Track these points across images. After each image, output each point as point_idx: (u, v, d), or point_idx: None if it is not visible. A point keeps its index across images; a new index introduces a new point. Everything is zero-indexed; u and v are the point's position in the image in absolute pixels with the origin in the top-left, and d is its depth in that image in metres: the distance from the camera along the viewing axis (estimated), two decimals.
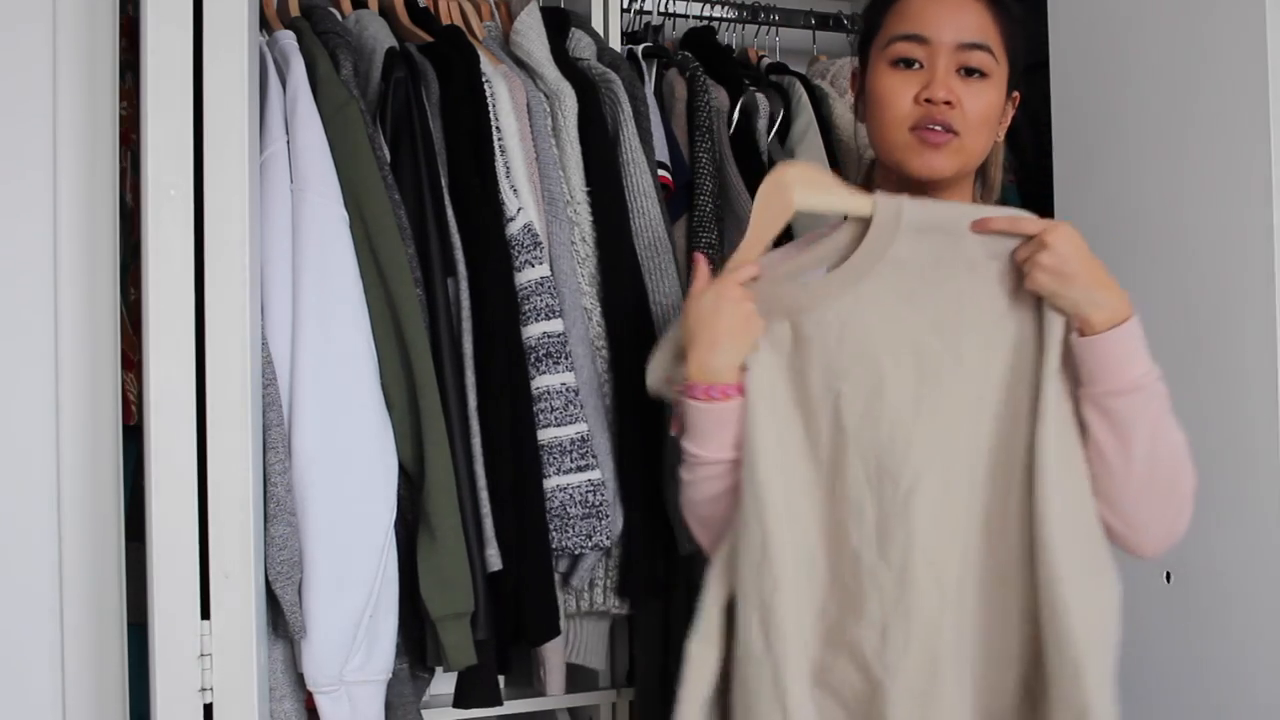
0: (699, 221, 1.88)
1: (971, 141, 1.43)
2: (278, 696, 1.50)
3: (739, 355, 1.39)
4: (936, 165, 1.42)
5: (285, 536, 1.44)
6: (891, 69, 1.43)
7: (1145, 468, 1.34)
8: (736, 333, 1.38)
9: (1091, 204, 1.87)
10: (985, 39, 1.41)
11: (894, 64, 1.43)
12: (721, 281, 1.39)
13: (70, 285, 1.37)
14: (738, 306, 1.38)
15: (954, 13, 1.41)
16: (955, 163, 1.43)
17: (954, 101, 1.40)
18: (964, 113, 1.41)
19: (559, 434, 1.63)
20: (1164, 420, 1.34)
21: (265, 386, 1.46)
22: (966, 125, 1.41)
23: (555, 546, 1.63)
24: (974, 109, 1.41)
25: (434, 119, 1.69)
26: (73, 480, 1.37)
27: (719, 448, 1.40)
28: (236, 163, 1.35)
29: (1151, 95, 1.76)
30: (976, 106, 1.41)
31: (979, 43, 1.41)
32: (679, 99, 1.98)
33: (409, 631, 1.57)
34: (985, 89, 1.42)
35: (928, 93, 1.40)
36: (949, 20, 1.41)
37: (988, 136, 1.45)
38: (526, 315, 1.65)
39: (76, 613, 1.37)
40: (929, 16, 1.42)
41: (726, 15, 2.28)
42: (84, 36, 1.38)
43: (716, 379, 1.39)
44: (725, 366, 1.38)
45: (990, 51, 1.41)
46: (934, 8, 1.42)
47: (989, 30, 1.42)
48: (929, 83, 1.40)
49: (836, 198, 1.40)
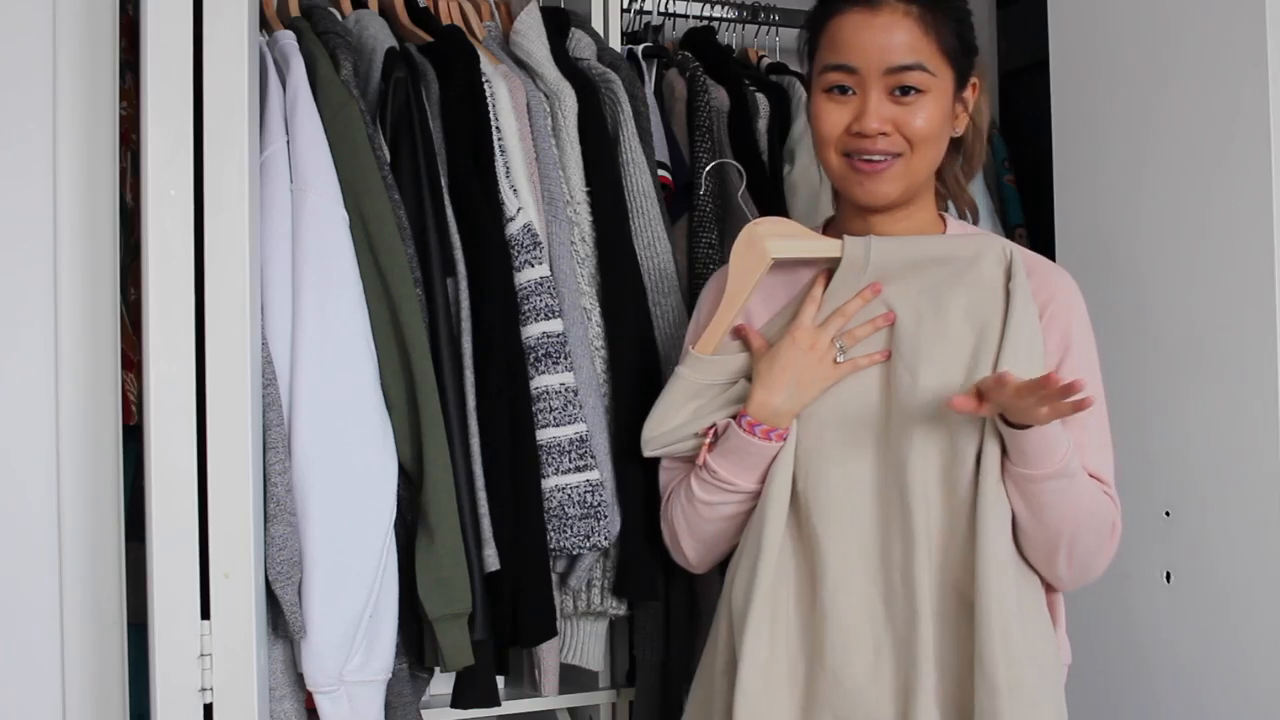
0: (699, 221, 1.88)
1: (918, 160, 1.43)
2: (278, 696, 1.50)
3: (800, 405, 1.45)
4: (880, 191, 1.43)
5: (285, 536, 1.44)
6: (826, 96, 1.44)
7: (1057, 542, 1.39)
8: (804, 384, 1.44)
9: (1091, 204, 1.87)
10: (917, 57, 1.39)
11: (828, 91, 1.43)
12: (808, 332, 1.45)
13: (70, 285, 1.37)
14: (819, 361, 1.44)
15: (881, 34, 1.39)
16: (900, 185, 1.43)
17: (888, 130, 1.40)
18: (904, 134, 1.41)
19: (558, 434, 1.63)
20: (1079, 502, 1.37)
21: (265, 386, 1.46)
22: (908, 145, 1.41)
23: (553, 547, 1.63)
24: (914, 129, 1.41)
25: (434, 119, 1.69)
26: (73, 480, 1.37)
27: (752, 479, 1.46)
28: (236, 163, 1.35)
29: (1151, 94, 1.76)
30: (916, 125, 1.40)
31: (910, 64, 1.39)
32: (679, 99, 1.98)
33: (407, 631, 1.56)
34: (924, 104, 1.41)
35: (858, 125, 1.41)
36: (876, 45, 1.39)
37: (935, 148, 1.45)
38: (526, 315, 1.65)
39: (76, 613, 1.37)
40: (856, 44, 1.40)
41: (726, 15, 2.28)
42: (84, 36, 1.37)
43: (776, 423, 1.44)
44: (786, 413, 1.45)
45: (924, 68, 1.40)
46: (862, 34, 1.40)
47: (920, 45, 1.40)
48: (861, 113, 1.40)
49: (807, 244, 1.47)
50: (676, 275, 1.80)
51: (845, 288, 1.45)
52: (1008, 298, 1.41)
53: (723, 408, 1.50)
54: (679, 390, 1.51)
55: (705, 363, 1.50)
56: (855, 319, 1.45)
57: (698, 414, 1.51)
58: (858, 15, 1.40)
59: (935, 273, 1.44)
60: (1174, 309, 1.72)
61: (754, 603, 1.40)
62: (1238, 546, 1.63)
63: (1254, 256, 1.59)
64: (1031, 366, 1.38)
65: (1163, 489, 1.73)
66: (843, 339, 1.45)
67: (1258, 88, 1.58)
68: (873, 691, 1.37)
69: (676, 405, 1.51)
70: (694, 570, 1.61)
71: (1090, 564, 1.42)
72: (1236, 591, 1.63)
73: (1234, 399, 1.63)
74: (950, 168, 1.53)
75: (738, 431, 1.45)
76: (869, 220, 1.48)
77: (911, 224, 1.49)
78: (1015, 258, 1.43)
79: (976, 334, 1.40)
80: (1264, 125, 1.57)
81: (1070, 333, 1.43)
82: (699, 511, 1.51)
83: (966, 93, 1.47)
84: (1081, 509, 1.37)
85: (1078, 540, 1.38)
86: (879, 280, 1.45)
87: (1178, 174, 1.71)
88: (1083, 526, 1.38)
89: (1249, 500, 1.61)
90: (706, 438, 1.49)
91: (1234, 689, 1.64)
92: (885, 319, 1.45)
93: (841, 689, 1.38)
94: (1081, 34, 1.89)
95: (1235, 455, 1.63)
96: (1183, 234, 1.71)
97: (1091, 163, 1.87)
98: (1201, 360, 1.68)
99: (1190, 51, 1.69)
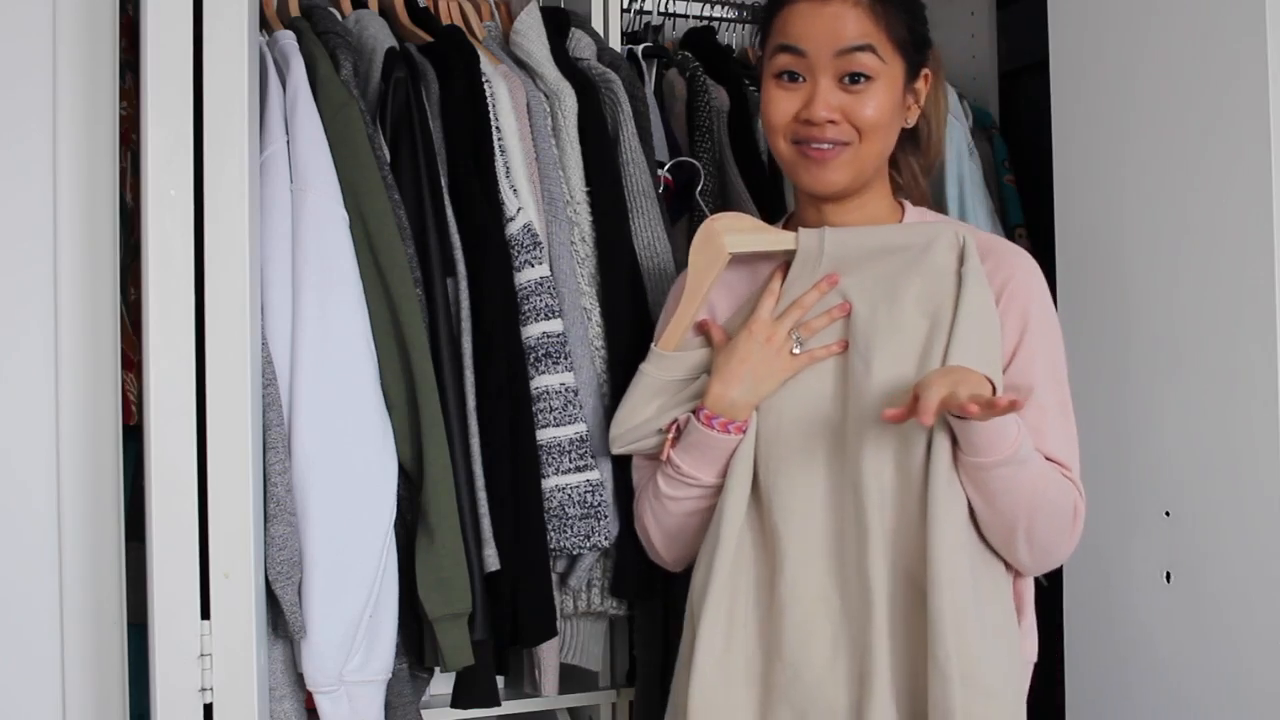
0: (699, 222, 1.88)
1: (867, 148, 1.43)
2: (278, 696, 1.50)
3: (758, 398, 1.45)
4: (828, 179, 1.43)
5: (285, 536, 1.44)
6: (776, 82, 1.44)
7: (1014, 527, 1.38)
8: (760, 377, 1.44)
9: (1091, 204, 1.87)
10: (866, 39, 1.39)
11: (778, 77, 1.44)
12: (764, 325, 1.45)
13: (70, 285, 1.37)
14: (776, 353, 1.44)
15: (830, 20, 1.40)
16: (848, 173, 1.43)
17: (836, 118, 1.40)
18: (853, 123, 1.41)
19: (558, 434, 1.63)
20: (1034, 487, 1.36)
21: (265, 386, 1.46)
22: (857, 133, 1.42)
23: (553, 547, 1.63)
24: (863, 116, 1.41)
25: (434, 119, 1.69)
26: (73, 480, 1.37)
27: (713, 473, 1.47)
28: (236, 163, 1.35)
29: (1151, 94, 1.76)
30: (865, 113, 1.41)
31: (859, 45, 1.39)
32: (679, 99, 1.98)
33: (408, 631, 1.56)
34: (874, 92, 1.41)
35: (807, 113, 1.41)
36: (825, 29, 1.40)
37: (885, 136, 1.45)
38: (526, 315, 1.65)
39: (76, 613, 1.37)
40: (805, 28, 1.41)
41: (726, 15, 2.28)
42: (84, 36, 1.37)
43: (733, 415, 1.45)
44: (744, 405, 1.45)
45: (874, 51, 1.40)
46: (809, 19, 1.41)
47: (869, 30, 1.40)
48: (810, 100, 1.41)
49: (763, 238, 1.49)
50: (676, 275, 1.80)
51: (802, 280, 1.46)
52: (959, 282, 1.40)
53: (686, 403, 1.50)
54: (643, 387, 1.52)
55: (668, 359, 1.51)
56: (812, 311, 1.45)
57: (661, 410, 1.51)
58: (807, 3, 1.41)
59: (890, 262, 1.44)
60: (1173, 309, 1.72)
61: (709, 595, 1.41)
62: (1237, 546, 1.63)
63: (1254, 256, 1.59)
64: (985, 350, 1.38)
65: (1163, 489, 1.73)
66: (800, 331, 1.45)
67: (1258, 88, 1.58)
68: (830, 684, 1.37)
69: (641, 402, 1.52)
70: (670, 568, 1.61)
71: (1051, 549, 1.41)
72: (1236, 591, 1.63)
73: (1235, 399, 1.63)
74: (905, 160, 1.53)
75: (697, 425, 1.46)
76: (823, 210, 1.48)
77: (865, 213, 1.49)
78: (968, 242, 1.43)
79: (930, 321, 1.40)
80: (1264, 125, 1.57)
81: (1029, 311, 1.42)
82: (666, 507, 1.51)
83: (918, 84, 1.48)
84: (1037, 494, 1.36)
85: (1035, 525, 1.37)
86: (836, 271, 1.45)
87: (1178, 173, 1.71)
88: (1039, 512, 1.37)
89: (1249, 500, 1.61)
90: (669, 433, 1.50)
91: (1234, 689, 1.64)
92: (841, 310, 1.44)
93: (800, 682, 1.37)
94: (1081, 34, 1.89)
95: (1235, 455, 1.63)
96: (1183, 233, 1.71)
97: (1091, 163, 1.87)
98: (1201, 360, 1.68)
99: (1190, 51, 1.69)
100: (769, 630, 1.41)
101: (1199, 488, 1.69)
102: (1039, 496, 1.36)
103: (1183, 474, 1.71)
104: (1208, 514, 1.68)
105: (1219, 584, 1.66)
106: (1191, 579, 1.70)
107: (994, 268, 1.43)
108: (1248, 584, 1.62)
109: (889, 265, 1.43)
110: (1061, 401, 1.43)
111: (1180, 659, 1.71)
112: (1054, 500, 1.38)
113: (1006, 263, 1.45)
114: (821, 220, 1.48)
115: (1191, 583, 1.70)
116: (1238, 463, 1.62)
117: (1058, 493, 1.38)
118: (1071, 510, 1.40)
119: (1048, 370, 1.42)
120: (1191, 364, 1.69)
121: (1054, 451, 1.40)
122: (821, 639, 1.38)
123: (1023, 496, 1.35)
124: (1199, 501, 1.70)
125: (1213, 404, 1.66)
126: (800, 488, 1.41)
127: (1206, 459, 1.68)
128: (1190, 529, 1.71)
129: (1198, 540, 1.70)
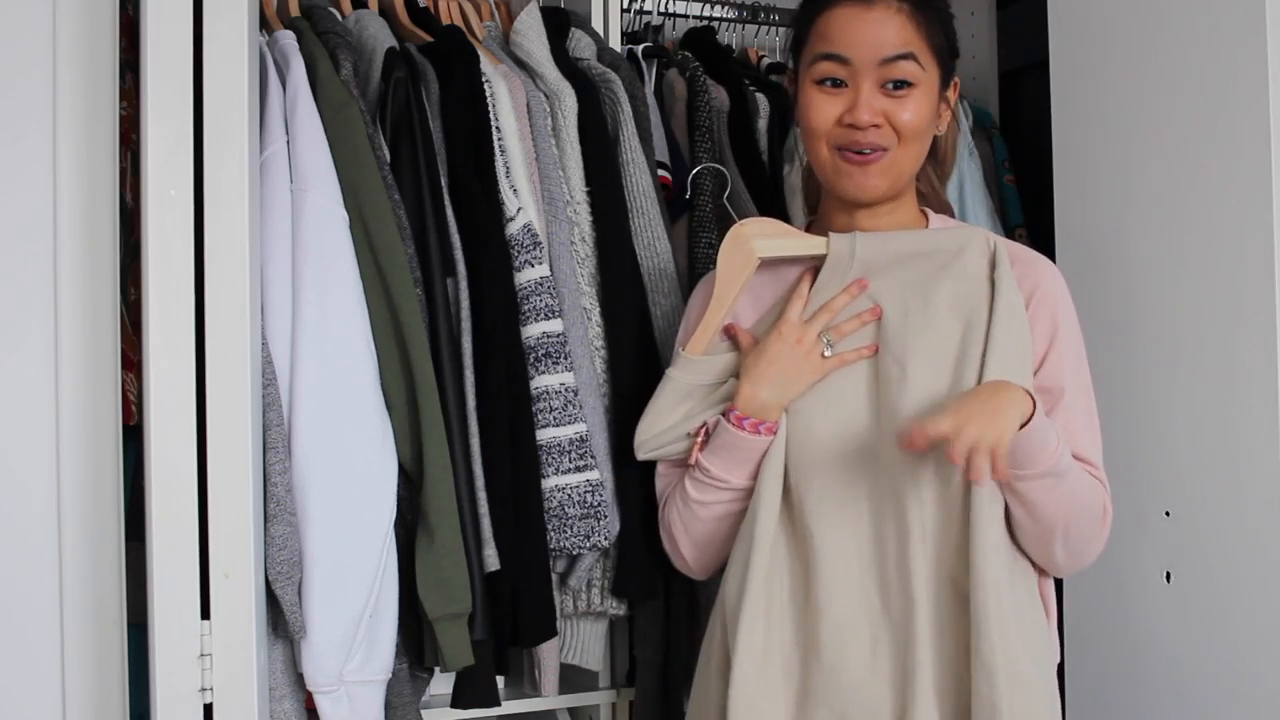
0: (699, 222, 1.88)
1: (904, 154, 1.44)
2: (278, 696, 1.50)
3: (788, 399, 1.45)
4: (869, 185, 1.44)
5: (285, 536, 1.45)
6: (817, 88, 1.44)
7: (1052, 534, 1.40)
8: (790, 378, 1.44)
9: (1092, 204, 1.87)
10: (909, 48, 1.41)
11: (819, 83, 1.44)
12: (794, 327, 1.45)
13: (70, 285, 1.37)
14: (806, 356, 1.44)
15: (874, 28, 1.40)
16: (888, 179, 1.44)
17: (880, 123, 1.41)
18: (894, 128, 1.42)
19: (558, 434, 1.63)
20: (1073, 495, 1.38)
21: (265, 386, 1.46)
22: (897, 139, 1.42)
23: (553, 547, 1.63)
24: (904, 122, 1.42)
25: (434, 119, 1.69)
26: (73, 480, 1.37)
27: (743, 475, 1.46)
28: (236, 163, 1.35)
29: (1152, 94, 1.76)
30: (906, 119, 1.42)
31: (903, 53, 1.40)
32: (679, 99, 1.98)
33: (408, 631, 1.56)
34: (914, 98, 1.42)
35: (851, 117, 1.41)
36: (870, 36, 1.40)
37: (921, 145, 1.46)
38: (526, 315, 1.65)
39: (76, 613, 1.37)
40: (850, 35, 1.41)
41: (726, 15, 2.28)
42: (84, 36, 1.37)
43: (764, 415, 1.45)
44: (774, 406, 1.45)
45: (915, 59, 1.41)
46: (855, 25, 1.41)
47: (912, 38, 1.41)
48: (853, 105, 1.41)
49: (792, 242, 1.49)
50: (676, 275, 1.80)
51: (831, 284, 1.46)
52: (993, 287, 1.42)
53: (713, 407, 1.50)
54: (670, 392, 1.52)
55: (695, 363, 1.51)
56: (842, 314, 1.46)
57: (689, 415, 1.51)
58: (850, 9, 1.42)
59: (920, 266, 1.44)
60: (1173, 309, 1.72)
61: (747, 598, 1.40)
62: (1237, 546, 1.63)
63: (1254, 256, 1.59)
64: (1019, 354, 1.39)
65: (1163, 489, 1.74)
66: (830, 334, 1.45)
67: (1258, 88, 1.58)
68: (871, 685, 1.37)
69: (668, 407, 1.52)
70: (695, 577, 1.61)
71: (1085, 549, 1.44)
72: (1235, 591, 1.63)
73: (1234, 399, 1.63)
74: (924, 168, 1.54)
75: (727, 426, 1.46)
76: (855, 216, 1.49)
77: (895, 219, 1.50)
78: (999, 248, 1.45)
79: (963, 324, 1.41)
80: (1264, 125, 1.57)
81: (1057, 318, 1.45)
82: (694, 512, 1.51)
83: (949, 92, 1.49)
84: (1075, 501, 1.38)
85: (1071, 530, 1.40)
86: (865, 275, 1.45)
87: (1178, 173, 1.71)
88: (1076, 517, 1.39)
89: (1248, 500, 1.61)
90: (698, 437, 1.49)
91: (1233, 688, 1.64)
92: (872, 313, 1.45)
93: (839, 684, 1.38)
94: (1081, 34, 1.89)
95: (1235, 455, 1.63)
96: (1183, 233, 1.71)
97: (1091, 163, 1.87)
98: (1201, 360, 1.68)
99: (1190, 51, 1.69)
100: (805, 632, 1.41)
101: (1199, 488, 1.69)
102: (1076, 502, 1.39)
103: (1183, 474, 1.71)
104: (1208, 514, 1.68)
105: (1219, 584, 1.66)
106: (1191, 579, 1.70)
107: (1022, 274, 1.45)
108: (1248, 584, 1.62)
109: (919, 270, 1.44)
110: (1087, 402, 1.46)
111: (1180, 659, 1.71)
112: (1089, 504, 1.41)
113: (1034, 269, 1.47)
114: (852, 225, 1.48)
115: (1191, 583, 1.70)
116: (1238, 463, 1.62)
117: (1091, 495, 1.41)
118: (1102, 510, 1.43)
119: (1075, 373, 1.45)
120: (1191, 364, 1.69)
121: (1084, 451, 1.42)
122: (860, 640, 1.38)
123: (1062, 505, 1.37)
124: (1199, 501, 1.70)
125: (1213, 404, 1.66)
126: (834, 490, 1.41)
127: (1206, 459, 1.68)
128: (1190, 529, 1.71)
129: (1198, 540, 1.70)
